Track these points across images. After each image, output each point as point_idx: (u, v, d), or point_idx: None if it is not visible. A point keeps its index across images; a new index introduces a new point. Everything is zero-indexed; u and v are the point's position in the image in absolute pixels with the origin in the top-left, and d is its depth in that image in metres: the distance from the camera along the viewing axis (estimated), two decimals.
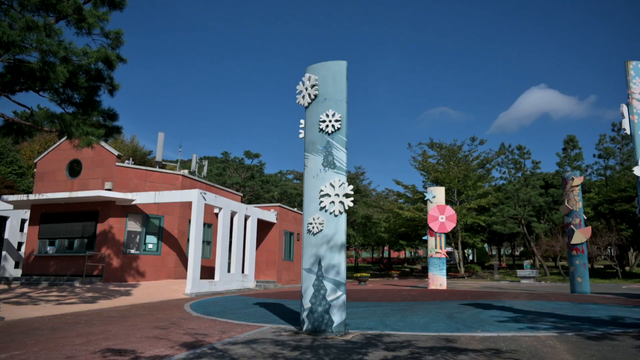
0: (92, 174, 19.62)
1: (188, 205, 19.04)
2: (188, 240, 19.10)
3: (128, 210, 18.92)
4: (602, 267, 40.25)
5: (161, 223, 19.68)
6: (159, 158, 22.37)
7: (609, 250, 34.75)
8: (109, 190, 18.71)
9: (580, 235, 17.62)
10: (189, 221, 18.87)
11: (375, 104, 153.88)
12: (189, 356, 5.73)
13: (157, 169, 20.72)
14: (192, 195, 17.28)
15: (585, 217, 19.72)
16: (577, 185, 18.16)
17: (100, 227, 18.72)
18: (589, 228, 18.19)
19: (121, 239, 18.67)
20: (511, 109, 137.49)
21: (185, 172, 21.34)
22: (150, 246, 19.29)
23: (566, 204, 18.29)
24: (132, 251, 18.92)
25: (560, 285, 25.33)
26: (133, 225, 19.05)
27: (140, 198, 18.38)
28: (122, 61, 12.67)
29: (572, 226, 17.90)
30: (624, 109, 8.13)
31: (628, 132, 8.10)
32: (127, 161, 20.86)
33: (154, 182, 19.90)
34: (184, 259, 19.67)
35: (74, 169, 20.14)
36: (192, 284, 16.24)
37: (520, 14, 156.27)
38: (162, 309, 11.73)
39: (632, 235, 30.60)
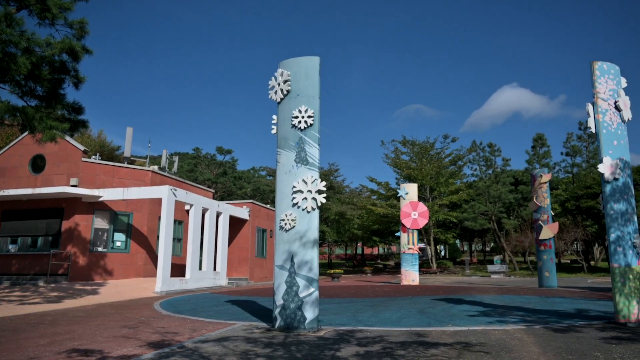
0: (57, 169, 18.97)
1: (158, 201, 18.65)
2: (158, 237, 18.73)
3: (95, 207, 18.40)
4: (569, 261, 41.56)
5: (130, 220, 19.21)
6: (127, 154, 21.85)
7: (575, 246, 35.91)
8: (75, 186, 18.13)
9: (548, 231, 18.10)
10: (159, 218, 18.49)
11: (350, 100, 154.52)
12: (158, 355, 5.61)
13: (125, 164, 20.23)
14: (162, 192, 16.93)
15: (553, 214, 20.29)
16: (545, 183, 18.64)
17: (65, 225, 18.14)
18: (556, 224, 18.71)
19: (88, 237, 18.14)
20: (483, 107, 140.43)
21: (155, 168, 20.91)
22: (118, 244, 18.82)
23: (535, 200, 18.76)
24: (100, 249, 18.41)
25: (529, 279, 26.00)
26: (100, 223, 18.53)
27: (107, 194, 17.89)
28: (88, 53, 12.26)
29: (540, 222, 18.36)
30: (590, 108, 8.32)
31: (593, 130, 8.30)
32: (93, 156, 20.27)
33: (123, 178, 19.40)
34: (153, 257, 19.27)
35: (38, 164, 19.43)
36: (162, 282, 15.93)
37: (493, 13, 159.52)
38: (131, 307, 11.46)
39: (597, 231, 31.62)
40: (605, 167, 8.00)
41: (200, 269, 18.94)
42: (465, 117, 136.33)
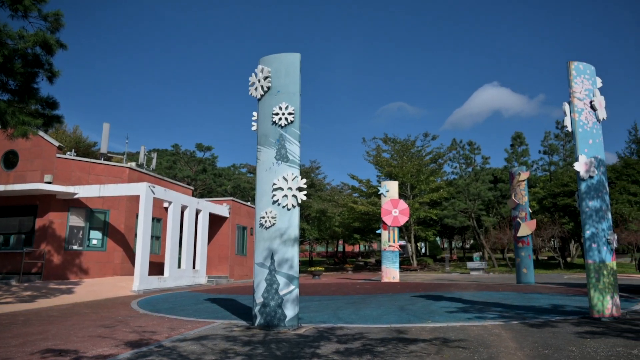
0: (30, 165, 18.46)
1: (135, 199, 18.33)
2: (136, 235, 18.41)
3: (70, 204, 17.98)
4: (546, 258, 42.40)
5: (106, 218, 18.85)
6: (104, 150, 21.41)
7: (552, 242, 36.65)
8: (49, 183, 17.69)
9: (526, 228, 18.42)
10: (137, 216, 18.17)
11: (332, 97, 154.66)
12: (135, 355, 5.52)
13: (102, 161, 19.84)
14: (139, 189, 16.66)
15: (531, 211, 20.64)
16: (524, 180, 18.96)
17: (39, 222, 17.69)
18: (534, 221, 19.05)
19: (62, 235, 17.73)
20: (464, 106, 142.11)
21: (133, 164, 20.56)
22: (94, 242, 18.45)
23: (513, 198, 19.05)
24: (75, 247, 18.01)
25: (508, 276, 26.43)
26: (76, 220, 18.12)
27: (83, 191, 17.51)
28: (63, 47, 11.94)
29: (518, 219, 18.67)
30: (566, 107, 8.46)
31: (569, 129, 8.44)
32: (69, 153, 19.80)
33: (99, 175, 19.01)
34: (131, 255, 18.95)
35: (10, 160, 18.88)
36: (139, 281, 15.67)
37: (476, 11, 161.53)
38: (107, 307, 11.26)
39: (573, 228, 32.32)
40: (580, 165, 8.15)
41: (179, 267, 18.72)
42: (446, 116, 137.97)
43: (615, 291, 7.78)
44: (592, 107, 8.48)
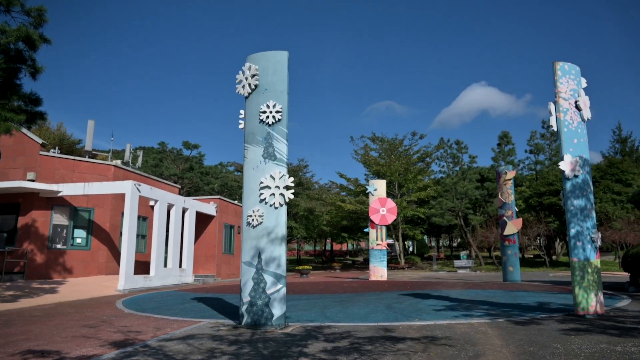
0: (13, 163, 18.12)
1: (121, 197, 18.11)
2: (121, 234, 18.18)
3: (54, 202, 17.70)
4: (532, 256, 42.83)
5: (91, 216, 18.59)
6: (88, 147, 21.11)
7: (538, 241, 37.07)
8: (32, 180, 17.38)
9: (512, 227, 18.60)
10: (122, 214, 17.95)
11: (321, 95, 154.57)
12: (120, 355, 5.46)
13: (86, 159, 19.56)
14: (125, 187, 16.47)
15: (517, 210, 20.85)
16: (510, 179, 19.14)
17: (22, 221, 17.38)
18: (520, 220, 19.25)
19: (46, 233, 17.45)
20: (453, 105, 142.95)
21: (118, 162, 20.30)
22: (78, 240, 18.18)
23: (500, 196, 19.22)
24: (59, 246, 17.73)
25: (494, 274, 26.68)
26: (59, 219, 17.85)
27: (67, 189, 17.24)
28: (47, 42, 11.74)
29: (505, 218, 18.84)
30: (552, 107, 8.54)
31: (555, 129, 8.53)
32: (52, 150, 19.49)
33: (83, 173, 18.74)
34: (116, 254, 18.73)
35: None
36: (125, 280, 15.50)
37: (465, 11, 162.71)
38: (92, 306, 11.11)
39: (558, 227, 32.69)
40: (566, 165, 8.24)
41: (165, 266, 18.56)
42: (435, 115, 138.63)
43: (599, 289, 7.89)
44: (577, 107, 8.58)
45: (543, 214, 33.90)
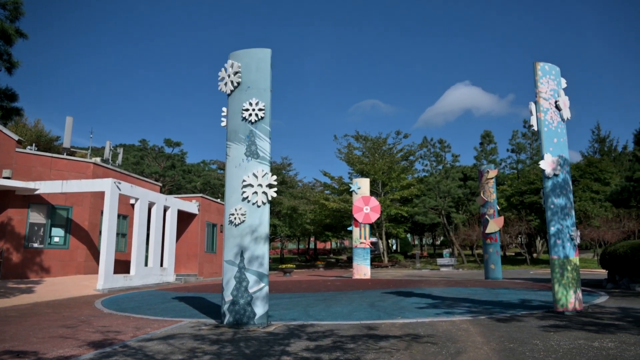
0: None
1: (100, 195, 17.79)
2: (100, 232, 17.88)
3: (30, 200, 17.30)
4: (513, 254, 43.46)
5: (69, 214, 18.23)
6: (67, 144, 20.68)
7: (519, 239, 37.65)
8: (8, 178, 16.93)
9: (494, 225, 18.82)
10: (102, 212, 17.65)
11: (305, 94, 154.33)
12: (99, 355, 5.36)
13: (64, 156, 19.15)
14: (104, 185, 16.18)
15: (499, 208, 21.11)
16: (492, 178, 19.36)
17: None
18: (502, 218, 19.49)
19: (22, 232, 17.04)
20: (437, 104, 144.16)
21: (98, 160, 19.95)
22: (56, 239, 17.81)
23: (482, 195, 19.42)
24: (35, 245, 17.35)
25: (476, 272, 26.99)
26: (36, 217, 17.45)
27: (44, 187, 16.87)
28: (23, 36, 11.46)
29: (486, 216, 19.05)
30: (532, 106, 8.64)
31: (535, 128, 8.63)
32: (29, 147, 19.06)
33: (61, 171, 18.35)
34: (95, 253, 18.40)
35: None
36: (104, 279, 15.24)
37: (449, 11, 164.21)
38: (70, 306, 10.88)
39: (539, 225, 33.20)
40: (546, 164, 8.34)
41: (146, 265, 18.31)
42: (419, 114, 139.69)
43: (578, 286, 8.02)
44: (557, 107, 8.69)
45: (524, 213, 34.41)
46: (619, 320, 6.97)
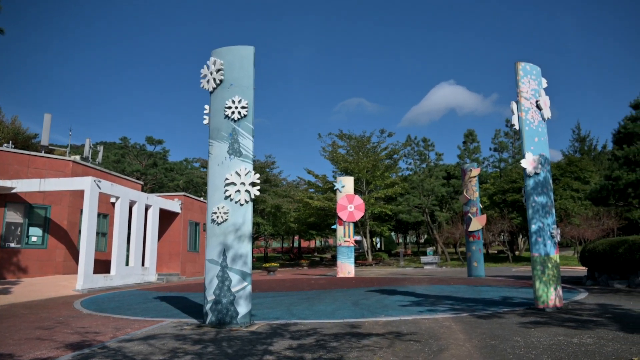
0: None
1: (80, 194, 17.47)
2: (80, 231, 17.54)
3: (7, 199, 16.88)
4: (496, 252, 44.02)
5: (48, 213, 17.85)
6: (45, 142, 20.25)
7: (502, 237, 38.14)
8: None
9: (477, 223, 19.00)
10: (81, 211, 17.32)
11: (290, 92, 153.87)
12: (77, 357, 5.26)
13: (43, 154, 18.76)
14: (84, 183, 15.89)
15: (482, 206, 21.32)
16: (475, 177, 19.54)
17: None
18: (484, 216, 19.69)
19: None
20: (421, 103, 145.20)
21: (77, 158, 19.61)
22: (34, 239, 17.43)
23: (465, 193, 19.59)
24: (12, 245, 16.94)
25: (459, 269, 27.23)
26: (13, 216, 17.04)
27: (21, 186, 16.48)
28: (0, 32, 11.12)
29: (469, 214, 19.23)
30: (514, 106, 8.73)
31: (517, 127, 8.71)
32: (5, 144, 18.58)
33: (39, 169, 17.96)
34: (74, 253, 18.07)
35: None
36: (83, 279, 14.97)
37: (435, 9, 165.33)
38: (48, 307, 10.65)
39: (521, 223, 33.69)
40: (527, 163, 8.43)
41: (127, 264, 18.05)
42: (404, 112, 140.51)
43: (558, 283, 8.13)
44: (538, 107, 8.80)
45: (506, 211, 34.86)
46: (598, 317, 7.08)
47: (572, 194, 33.30)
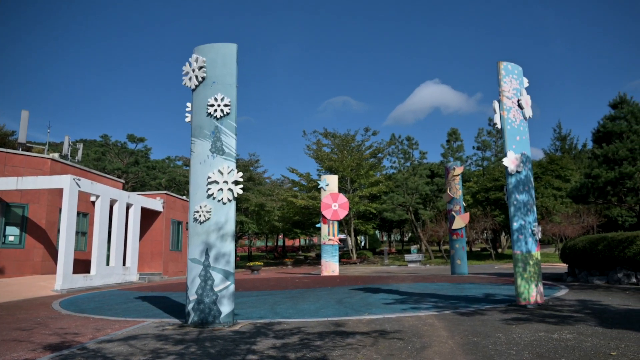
0: None
1: (59, 192, 17.14)
2: (59, 231, 17.21)
3: None
4: (479, 249, 44.53)
5: (25, 212, 17.47)
6: (22, 139, 19.81)
7: (485, 234, 38.58)
8: None
9: (460, 221, 19.17)
10: (60, 210, 16.99)
11: (275, 90, 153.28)
12: (54, 359, 5.14)
13: (20, 151, 18.34)
14: (63, 182, 15.59)
15: (465, 204, 21.51)
16: (458, 175, 19.70)
17: None
18: (467, 214, 19.88)
19: None
20: (407, 102, 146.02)
21: (56, 155, 19.21)
22: (11, 238, 17.04)
23: (448, 192, 19.75)
24: None
25: (443, 267, 27.43)
26: None
27: None
28: None
29: (453, 212, 19.38)
30: (496, 105, 8.81)
31: (499, 126, 8.79)
32: None
33: (16, 167, 17.56)
34: (53, 252, 17.71)
35: None
36: (62, 279, 14.70)
37: (421, 8, 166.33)
38: (25, 308, 10.42)
39: (503, 220, 34.13)
40: (509, 161, 8.52)
41: (107, 264, 17.79)
42: (389, 111, 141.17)
43: (539, 280, 8.24)
44: (520, 106, 8.89)
45: (489, 209, 35.24)
46: (578, 312, 7.20)
47: (553, 192, 33.84)
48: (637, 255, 11.08)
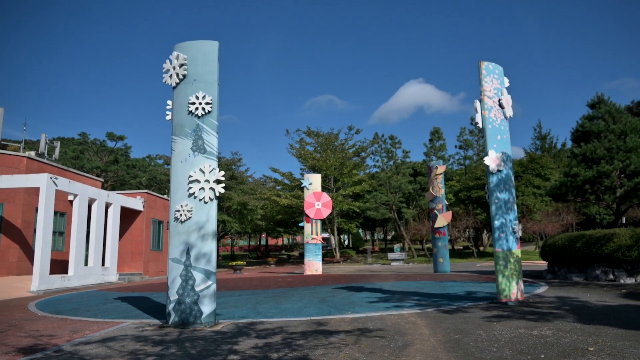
0: None
1: (35, 191, 16.75)
2: (35, 231, 16.81)
3: None
4: (462, 247, 44.96)
5: (0, 212, 17.00)
6: None
7: (467, 233, 38.99)
8: None
9: (442, 220, 19.33)
10: (37, 209, 16.59)
11: (258, 88, 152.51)
12: None
13: None
14: (39, 180, 15.25)
15: (447, 203, 21.68)
16: (441, 174, 19.86)
17: None
18: (450, 213, 20.05)
19: None
20: (391, 101, 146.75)
21: (32, 154, 18.76)
22: None
23: (431, 190, 19.89)
24: None
25: (426, 265, 27.65)
26: None
27: None
28: None
29: (435, 211, 19.53)
30: (477, 104, 8.87)
31: (480, 125, 8.86)
32: None
33: None
34: (29, 253, 17.30)
35: None
36: (39, 280, 14.38)
37: (406, 8, 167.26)
38: (0, 309, 10.12)
39: (485, 219, 34.55)
40: (490, 160, 8.59)
41: (86, 264, 17.47)
42: (373, 110, 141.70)
43: (520, 277, 8.33)
44: (500, 105, 8.97)
45: (471, 207, 35.63)
46: (557, 309, 7.30)
47: (533, 190, 34.38)
48: (614, 252, 11.31)
